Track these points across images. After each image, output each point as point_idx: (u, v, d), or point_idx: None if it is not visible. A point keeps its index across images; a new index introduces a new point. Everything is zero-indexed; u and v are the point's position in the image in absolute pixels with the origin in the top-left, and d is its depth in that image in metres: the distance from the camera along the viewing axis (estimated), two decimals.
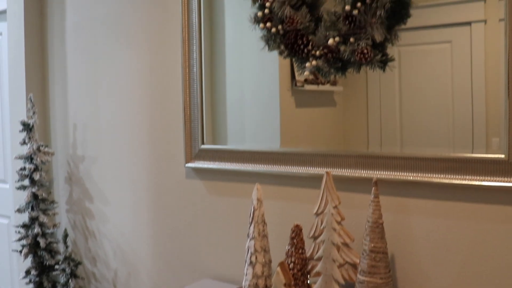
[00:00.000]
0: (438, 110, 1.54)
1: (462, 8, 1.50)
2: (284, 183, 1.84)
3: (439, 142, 1.54)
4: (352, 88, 1.69)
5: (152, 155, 2.24)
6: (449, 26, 1.53)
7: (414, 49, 1.58)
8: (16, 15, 2.65)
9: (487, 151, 1.45)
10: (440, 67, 1.54)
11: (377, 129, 1.66)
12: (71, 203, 2.61)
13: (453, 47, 1.52)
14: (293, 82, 1.82)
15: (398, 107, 1.62)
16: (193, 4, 2.00)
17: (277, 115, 1.88)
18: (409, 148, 1.60)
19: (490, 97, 1.45)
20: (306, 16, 1.66)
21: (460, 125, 1.50)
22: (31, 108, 2.46)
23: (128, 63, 2.30)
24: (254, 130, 1.94)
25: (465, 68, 1.49)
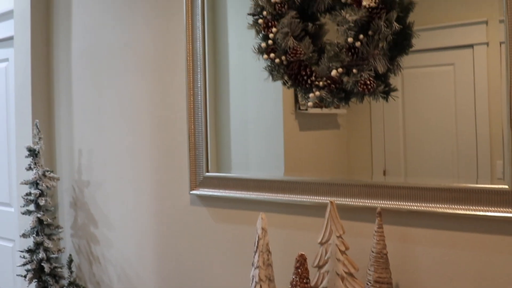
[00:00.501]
0: (441, 132, 1.55)
1: (465, 31, 1.51)
2: (289, 211, 1.85)
3: (443, 164, 1.54)
4: (356, 111, 1.69)
5: (157, 182, 2.26)
6: (451, 48, 1.54)
7: (417, 71, 1.58)
8: (23, 41, 2.69)
9: (492, 174, 1.46)
10: (443, 89, 1.55)
11: (381, 150, 1.67)
12: (76, 228, 2.62)
13: (455, 70, 1.53)
14: (296, 105, 1.84)
15: (401, 128, 1.63)
16: (197, 33, 2.03)
17: (281, 139, 1.89)
18: (413, 169, 1.60)
19: (494, 119, 1.45)
20: (309, 47, 1.68)
21: (464, 147, 1.51)
22: (37, 134, 2.48)
23: (133, 90, 2.33)
24: (258, 154, 1.94)
25: (468, 91, 1.50)
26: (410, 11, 1.55)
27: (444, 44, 1.54)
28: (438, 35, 1.55)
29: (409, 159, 1.61)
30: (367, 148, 1.69)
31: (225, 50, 2.01)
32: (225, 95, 2.01)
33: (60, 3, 2.66)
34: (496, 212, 1.43)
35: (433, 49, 1.56)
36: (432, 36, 1.55)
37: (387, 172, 1.65)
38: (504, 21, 1.41)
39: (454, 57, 1.53)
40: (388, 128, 1.65)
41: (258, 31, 1.75)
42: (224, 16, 2.01)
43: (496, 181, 1.45)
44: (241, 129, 1.98)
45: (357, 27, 1.54)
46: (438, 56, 1.56)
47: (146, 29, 2.26)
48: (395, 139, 1.64)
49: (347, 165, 1.74)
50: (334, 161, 1.77)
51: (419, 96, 1.59)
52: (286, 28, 1.67)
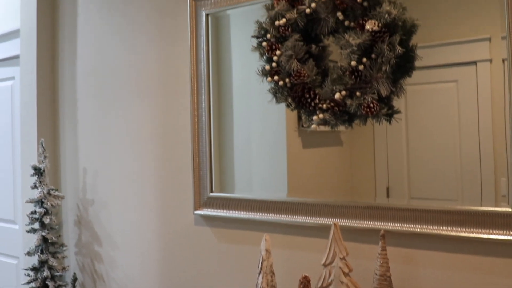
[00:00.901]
0: (445, 149, 1.55)
1: (468, 48, 1.51)
2: (292, 232, 1.86)
3: (447, 180, 1.54)
4: (359, 127, 1.69)
5: (161, 201, 2.27)
6: (454, 65, 1.54)
7: (420, 88, 1.59)
8: (29, 60, 2.71)
9: (496, 191, 1.46)
10: (446, 106, 1.55)
11: (384, 166, 1.67)
12: (80, 246, 2.63)
13: (459, 86, 1.53)
14: (299, 122, 1.85)
15: (404, 144, 1.63)
16: (201, 55, 2.06)
17: (284, 156, 1.90)
18: (416, 186, 1.60)
19: (497, 136, 1.46)
20: (313, 69, 1.69)
21: (468, 163, 1.51)
22: (42, 152, 2.50)
23: (138, 110, 2.35)
24: (261, 173, 1.95)
25: (471, 108, 1.50)
26: (413, 34, 1.56)
27: (447, 61, 1.55)
28: (441, 52, 1.56)
29: (412, 175, 1.61)
30: (370, 164, 1.69)
31: (229, 70, 2.03)
32: (228, 114, 2.02)
33: (66, 23, 2.69)
34: (500, 235, 1.43)
35: (436, 66, 1.57)
36: (435, 53, 1.56)
37: (390, 189, 1.66)
38: (506, 38, 1.42)
39: (457, 74, 1.53)
40: (391, 144, 1.66)
41: (262, 53, 1.77)
42: (227, 37, 2.03)
43: (500, 199, 1.45)
44: (245, 148, 1.99)
45: (360, 50, 1.55)
46: (441, 73, 1.57)
47: (151, 50, 2.29)
48: (399, 155, 1.64)
49: (351, 182, 1.74)
50: (338, 178, 1.77)
51: (422, 112, 1.59)
52: (290, 51, 1.69)
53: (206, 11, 2.05)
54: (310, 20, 1.69)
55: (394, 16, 1.52)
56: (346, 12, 1.61)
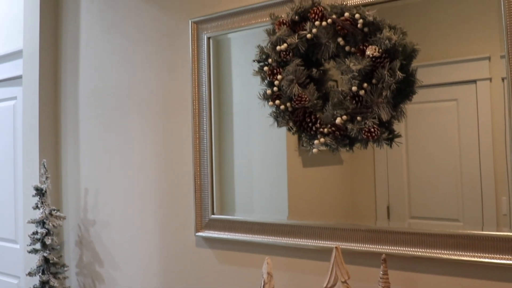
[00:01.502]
0: (445, 168, 1.56)
1: (467, 67, 1.52)
2: (294, 255, 1.86)
3: (448, 199, 1.54)
4: (359, 146, 1.70)
5: (163, 223, 2.27)
6: (455, 84, 1.55)
7: (421, 107, 1.59)
8: (32, 80, 2.73)
9: (498, 210, 1.46)
10: (446, 125, 1.56)
11: (384, 185, 1.67)
12: (81, 266, 2.62)
13: (459, 105, 1.54)
14: (300, 142, 1.85)
15: (405, 163, 1.64)
16: (203, 77, 2.07)
17: (285, 176, 1.90)
18: (417, 205, 1.60)
19: (498, 154, 1.47)
20: (314, 93, 1.70)
21: (469, 182, 1.51)
22: (44, 173, 2.50)
23: (139, 131, 2.36)
24: (262, 192, 1.95)
25: (471, 126, 1.51)
26: (413, 59, 1.58)
27: (447, 79, 1.56)
28: (441, 71, 1.57)
29: (413, 194, 1.62)
30: (370, 183, 1.70)
31: (229, 92, 2.04)
32: (229, 136, 2.03)
33: (68, 44, 2.71)
34: (502, 259, 1.44)
35: (436, 85, 1.58)
36: (435, 71, 1.57)
37: (391, 208, 1.66)
38: (505, 57, 1.44)
39: (457, 93, 1.54)
40: (391, 162, 1.66)
41: (264, 77, 1.78)
42: (228, 60, 2.04)
43: (501, 218, 1.46)
44: (245, 169, 2.00)
45: (361, 76, 1.57)
46: (441, 91, 1.57)
47: (153, 72, 2.30)
48: (399, 174, 1.65)
49: (351, 201, 1.74)
50: (338, 197, 1.77)
51: (422, 131, 1.60)
52: (291, 76, 1.71)
53: (208, 34, 2.07)
54: (311, 45, 1.71)
55: (394, 42, 1.54)
56: (347, 37, 1.63)
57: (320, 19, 1.66)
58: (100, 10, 2.55)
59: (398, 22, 1.58)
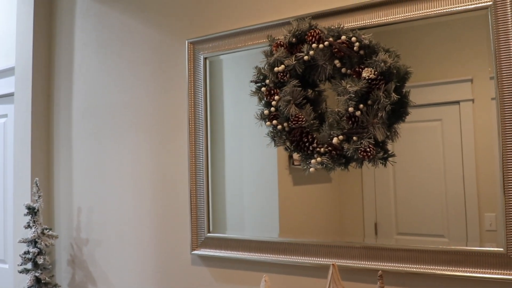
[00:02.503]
0: (431, 186, 1.61)
1: (451, 88, 1.58)
2: (290, 272, 1.88)
3: (433, 215, 1.59)
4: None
5: (158, 241, 2.28)
6: (438, 105, 1.61)
7: (406, 126, 1.64)
8: (24, 98, 2.73)
9: (481, 226, 1.51)
10: (431, 143, 1.62)
11: (372, 202, 1.71)
12: (74, 285, 2.61)
13: (443, 125, 1.60)
14: (290, 160, 1.89)
15: (392, 181, 1.68)
16: (199, 97, 2.10)
17: (276, 194, 1.93)
18: (403, 222, 1.64)
19: (481, 172, 1.52)
20: (310, 114, 1.74)
21: (453, 199, 1.57)
22: (36, 192, 2.50)
23: (134, 150, 2.37)
24: (253, 211, 1.97)
25: (455, 145, 1.57)
26: (406, 81, 1.63)
27: (431, 100, 1.62)
28: (426, 92, 1.62)
29: (399, 211, 1.66)
30: (358, 200, 1.74)
31: (221, 111, 2.07)
32: (220, 154, 2.06)
33: (62, 62, 2.72)
34: (493, 274, 1.50)
35: (422, 105, 1.63)
36: (420, 92, 1.62)
37: (378, 225, 1.70)
38: (494, 79, 1.50)
39: (442, 113, 1.60)
40: (378, 180, 1.71)
41: (261, 98, 1.82)
42: (220, 80, 2.07)
43: (485, 234, 1.51)
44: (237, 187, 2.02)
45: (357, 97, 1.61)
46: (426, 112, 1.63)
47: (148, 91, 2.33)
48: (386, 191, 1.69)
49: (340, 218, 1.77)
50: (327, 214, 1.80)
51: (408, 149, 1.65)
52: (289, 96, 1.74)
53: (204, 55, 2.10)
54: (308, 67, 1.75)
55: (389, 65, 1.59)
56: (343, 60, 1.68)
57: (317, 42, 1.70)
58: (94, 29, 2.57)
59: (390, 45, 1.63)
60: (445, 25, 1.59)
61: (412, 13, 1.64)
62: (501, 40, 1.49)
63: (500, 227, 1.49)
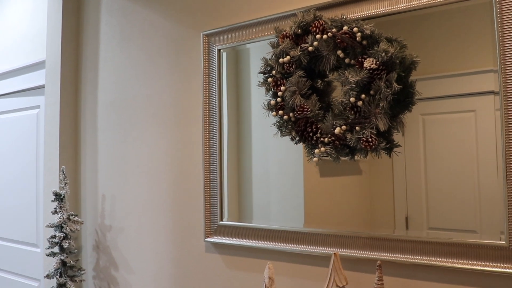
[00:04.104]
0: (463, 178, 1.56)
1: (486, 78, 1.53)
2: (299, 261, 1.91)
3: (465, 212, 1.55)
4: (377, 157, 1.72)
5: (174, 229, 2.35)
6: (472, 95, 1.56)
7: (439, 117, 1.61)
8: (53, 90, 2.85)
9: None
10: (464, 135, 1.56)
11: (403, 196, 1.68)
12: (98, 270, 2.72)
13: (477, 116, 1.55)
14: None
15: (423, 174, 1.64)
16: (213, 88, 2.15)
17: (301, 185, 1.93)
18: (435, 216, 1.60)
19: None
20: (316, 104, 1.76)
21: (486, 192, 1.52)
22: (63, 179, 2.61)
23: (154, 141, 2.45)
24: (279, 202, 1.98)
25: (489, 137, 1.51)
26: (412, 70, 1.63)
27: (465, 90, 1.57)
28: (459, 82, 1.58)
29: (431, 205, 1.62)
30: (389, 193, 1.71)
31: (248, 102, 2.09)
32: (247, 145, 2.08)
33: (88, 56, 2.82)
34: (494, 267, 1.47)
35: (454, 96, 1.59)
36: (453, 82, 1.59)
37: (409, 219, 1.67)
38: (498, 71, 1.48)
39: (475, 104, 1.55)
40: (409, 174, 1.67)
41: (268, 88, 1.85)
42: (247, 70, 2.09)
43: (495, 237, 1.48)
44: (263, 178, 2.03)
45: (358, 87, 1.62)
46: (459, 102, 1.59)
47: (166, 83, 2.39)
48: (417, 185, 1.66)
49: (370, 211, 1.75)
50: (355, 207, 1.78)
51: (440, 142, 1.61)
52: (294, 87, 1.77)
53: (218, 46, 2.15)
54: (313, 57, 1.77)
55: (391, 55, 1.59)
56: (347, 50, 1.69)
57: (321, 33, 1.72)
58: (118, 24, 2.66)
59: (413, 35, 1.62)
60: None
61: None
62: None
63: (503, 218, 1.46)
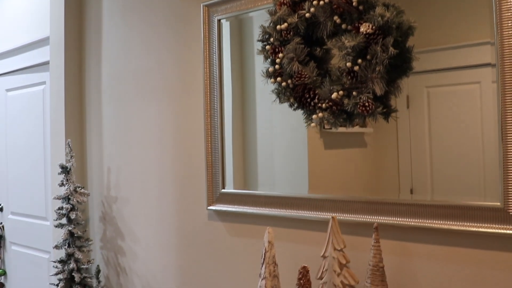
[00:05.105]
0: (468, 149, 1.55)
1: (492, 49, 1.50)
2: (298, 226, 1.94)
3: (470, 183, 1.55)
4: (383, 129, 1.74)
5: (178, 198, 2.39)
6: (477, 66, 1.55)
7: (443, 89, 1.61)
8: (58, 66, 2.88)
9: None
10: (469, 107, 1.56)
11: (407, 168, 1.69)
12: (105, 240, 2.77)
13: (482, 88, 1.54)
14: (321, 124, 1.88)
15: (428, 147, 1.65)
16: (214, 58, 2.17)
17: (305, 157, 1.96)
18: (440, 187, 1.61)
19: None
20: (314, 71, 1.77)
21: (491, 164, 1.50)
22: (69, 152, 2.66)
23: (156, 112, 2.48)
24: (283, 172, 2.00)
25: (494, 108, 1.49)
26: (409, 36, 1.63)
27: (470, 62, 1.57)
28: (464, 53, 1.58)
29: (435, 177, 1.63)
30: (394, 166, 1.72)
31: (252, 74, 2.10)
32: (252, 116, 2.09)
33: (91, 30, 2.85)
34: (489, 228, 1.49)
35: (459, 67, 1.59)
36: (457, 54, 1.59)
37: (414, 190, 1.69)
38: (495, 43, 1.47)
39: (480, 75, 1.54)
40: (414, 146, 1.68)
41: (266, 56, 1.86)
42: (251, 38, 2.10)
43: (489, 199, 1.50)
44: (267, 148, 2.05)
45: (355, 52, 1.63)
46: (464, 74, 1.58)
47: (169, 54, 2.41)
48: (422, 157, 1.66)
49: (374, 184, 1.77)
50: (360, 181, 1.80)
51: (445, 114, 1.61)
52: (292, 54, 1.78)
53: (218, 17, 2.16)
54: (310, 24, 1.77)
55: (387, 19, 1.59)
56: (343, 15, 1.69)
57: None
58: None
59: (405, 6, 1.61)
60: None
61: None
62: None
63: (498, 180, 1.47)
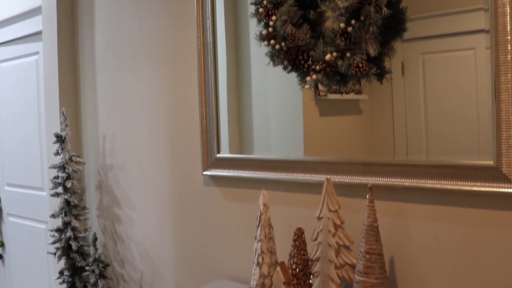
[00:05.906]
0: (462, 113, 1.56)
1: (485, 15, 1.48)
2: (293, 189, 1.95)
3: (465, 149, 1.56)
4: (378, 96, 1.73)
5: (173, 164, 2.40)
6: (472, 33, 1.54)
7: (438, 56, 1.61)
8: (50, 35, 2.86)
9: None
10: (464, 74, 1.55)
11: (403, 135, 1.69)
12: (101, 209, 2.79)
13: (476, 54, 1.53)
14: (316, 91, 1.88)
15: (423, 111, 1.65)
16: (207, 24, 2.15)
17: (301, 123, 1.96)
18: (435, 155, 1.61)
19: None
20: (307, 33, 1.77)
21: (485, 124, 1.50)
22: (63, 121, 2.65)
23: (151, 79, 2.47)
24: (278, 137, 2.01)
25: (488, 74, 1.48)
26: None
27: (464, 28, 1.56)
28: (458, 20, 1.57)
29: (430, 143, 1.64)
30: (389, 133, 1.72)
31: (247, 38, 2.08)
32: (247, 82, 2.09)
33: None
34: (482, 187, 1.49)
35: (454, 34, 1.58)
36: (452, 20, 1.58)
37: (409, 153, 1.68)
38: (489, 10, 1.46)
39: (475, 42, 1.53)
40: (409, 112, 1.68)
41: (260, 19, 1.85)
42: (245, 4, 2.08)
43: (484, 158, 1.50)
44: (262, 113, 2.05)
45: (348, 13, 1.63)
46: (458, 40, 1.57)
47: (162, 21, 2.39)
48: (417, 122, 1.66)
49: (370, 150, 1.77)
50: (356, 143, 1.80)
51: (440, 81, 1.61)
52: (285, 16, 1.77)
53: None
54: None
55: None
56: None
57: None
58: None
59: None
60: None
61: None
62: None
63: (492, 139, 1.47)
